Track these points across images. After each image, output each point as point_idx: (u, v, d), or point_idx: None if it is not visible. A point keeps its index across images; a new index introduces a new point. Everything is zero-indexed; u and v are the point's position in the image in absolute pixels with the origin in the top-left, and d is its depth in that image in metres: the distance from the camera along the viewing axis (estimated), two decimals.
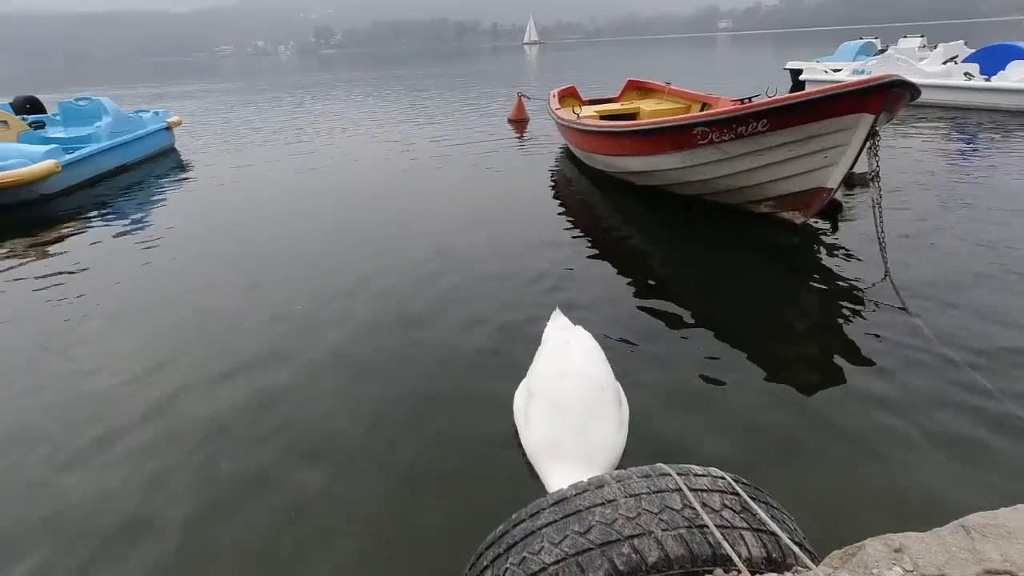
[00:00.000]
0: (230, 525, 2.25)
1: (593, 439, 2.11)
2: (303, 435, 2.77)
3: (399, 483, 2.42)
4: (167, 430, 2.86)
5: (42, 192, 7.59)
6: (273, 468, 2.55)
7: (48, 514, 2.38)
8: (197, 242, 6.05)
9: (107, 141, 9.29)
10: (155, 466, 2.61)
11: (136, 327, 4.09)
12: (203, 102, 22.92)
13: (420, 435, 2.71)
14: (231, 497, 2.40)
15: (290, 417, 2.91)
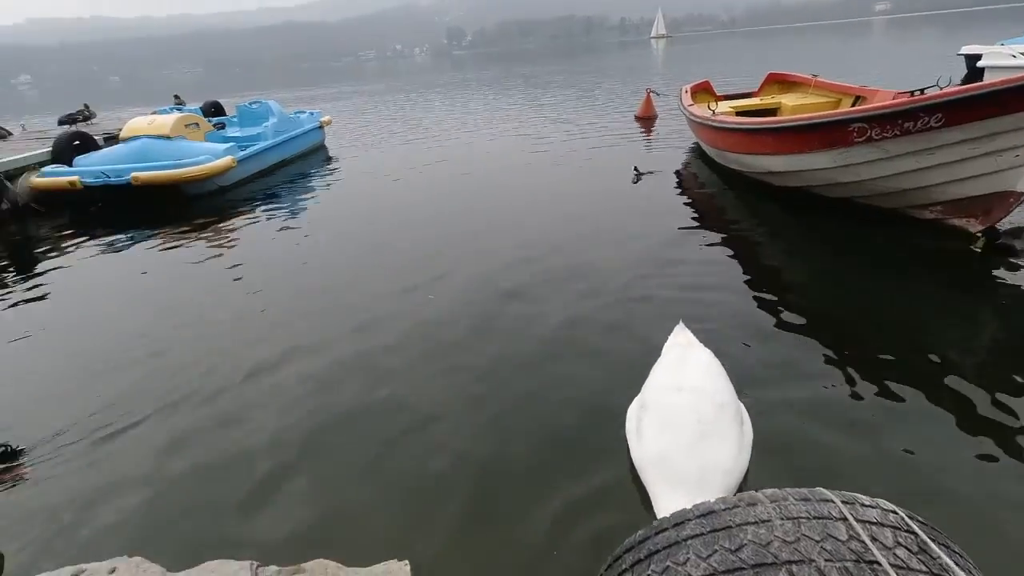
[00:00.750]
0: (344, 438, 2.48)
1: (709, 460, 1.99)
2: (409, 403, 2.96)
3: (495, 474, 2.50)
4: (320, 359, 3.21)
5: (221, 184, 8.75)
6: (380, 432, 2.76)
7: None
8: (339, 225, 6.86)
9: (272, 139, 10.49)
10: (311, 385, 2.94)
11: (284, 289, 4.79)
12: (348, 102, 24.99)
13: (521, 432, 2.76)
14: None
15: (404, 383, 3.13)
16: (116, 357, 3.93)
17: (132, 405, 3.29)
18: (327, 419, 3.03)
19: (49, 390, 3.63)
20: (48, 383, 3.73)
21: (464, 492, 2.40)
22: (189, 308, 4.78)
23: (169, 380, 3.55)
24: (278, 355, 3.74)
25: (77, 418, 3.20)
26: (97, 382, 3.62)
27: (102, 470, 2.76)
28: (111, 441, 3.00)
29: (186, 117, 9.80)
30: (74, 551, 2.17)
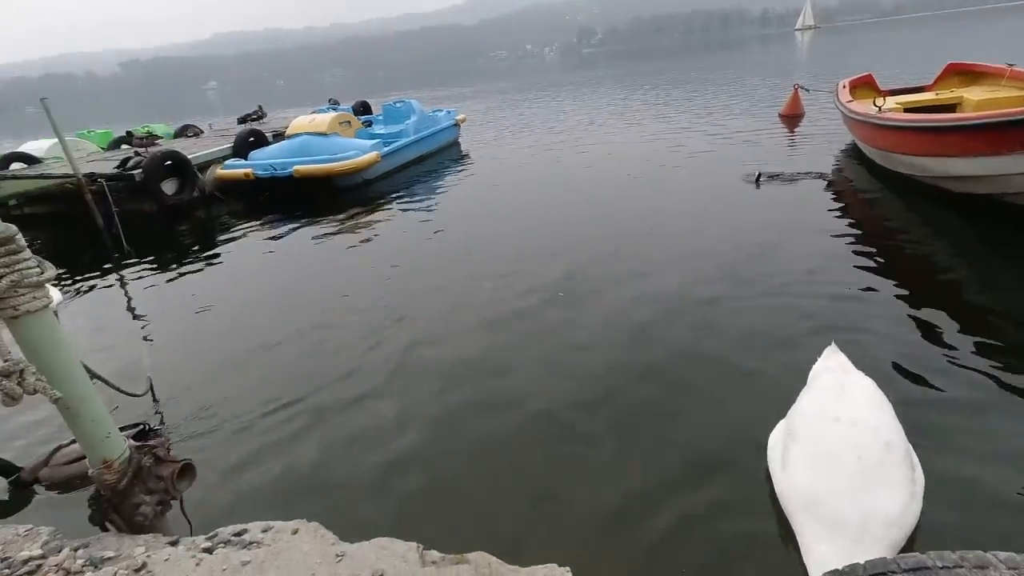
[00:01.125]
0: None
1: (873, 507, 1.74)
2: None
3: (623, 484, 2.43)
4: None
5: (366, 177, 9.49)
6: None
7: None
8: (469, 219, 7.26)
9: (413, 136, 11.18)
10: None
11: (416, 278, 5.09)
12: (478, 101, 25.89)
13: (647, 446, 2.67)
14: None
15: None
16: (273, 334, 4.42)
17: (293, 380, 3.66)
18: (455, 414, 3.18)
19: (214, 361, 4.16)
20: (214, 355, 4.26)
21: (587, 503, 2.38)
22: (336, 289, 5.27)
23: (325, 359, 3.93)
24: (422, 340, 3.99)
25: (241, 391, 3.61)
26: (258, 356, 4.09)
27: (272, 442, 3.05)
28: (272, 416, 3.26)
29: (340, 116, 10.76)
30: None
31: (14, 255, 1.27)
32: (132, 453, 1.59)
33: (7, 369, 1.26)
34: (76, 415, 1.44)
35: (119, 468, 1.55)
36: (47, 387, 1.34)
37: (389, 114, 12.14)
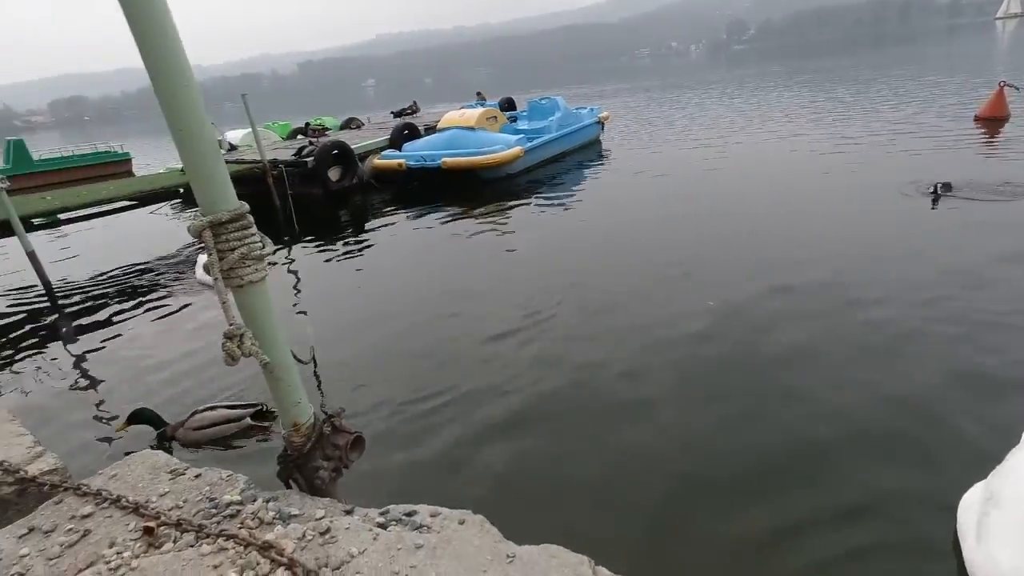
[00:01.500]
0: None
1: None
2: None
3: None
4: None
5: (508, 171, 9.69)
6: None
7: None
8: (605, 215, 7.20)
9: (556, 132, 11.22)
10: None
11: (552, 267, 5.10)
12: (620, 100, 25.40)
13: (801, 489, 2.37)
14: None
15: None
16: (419, 317, 4.64)
17: (440, 367, 3.80)
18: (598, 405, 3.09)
19: (367, 340, 4.44)
20: (366, 334, 4.55)
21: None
22: (475, 277, 5.45)
23: (472, 346, 4.04)
24: (564, 337, 3.96)
25: (392, 373, 3.82)
26: (406, 339, 4.30)
27: (425, 426, 3.16)
28: (423, 402, 3.36)
29: (487, 111, 11.10)
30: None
31: (245, 230, 1.40)
32: (316, 420, 1.71)
33: (232, 332, 1.39)
34: (277, 379, 1.57)
35: (305, 432, 1.67)
36: (259, 352, 1.47)
37: (534, 110, 12.30)
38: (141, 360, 4.35)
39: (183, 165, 1.32)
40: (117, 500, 1.65)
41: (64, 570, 1.41)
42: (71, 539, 1.52)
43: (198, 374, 3.97)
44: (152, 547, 1.46)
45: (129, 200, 7.82)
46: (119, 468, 1.86)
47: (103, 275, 6.82)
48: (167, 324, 5.11)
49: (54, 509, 1.68)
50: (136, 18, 1.16)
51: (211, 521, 1.52)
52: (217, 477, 1.73)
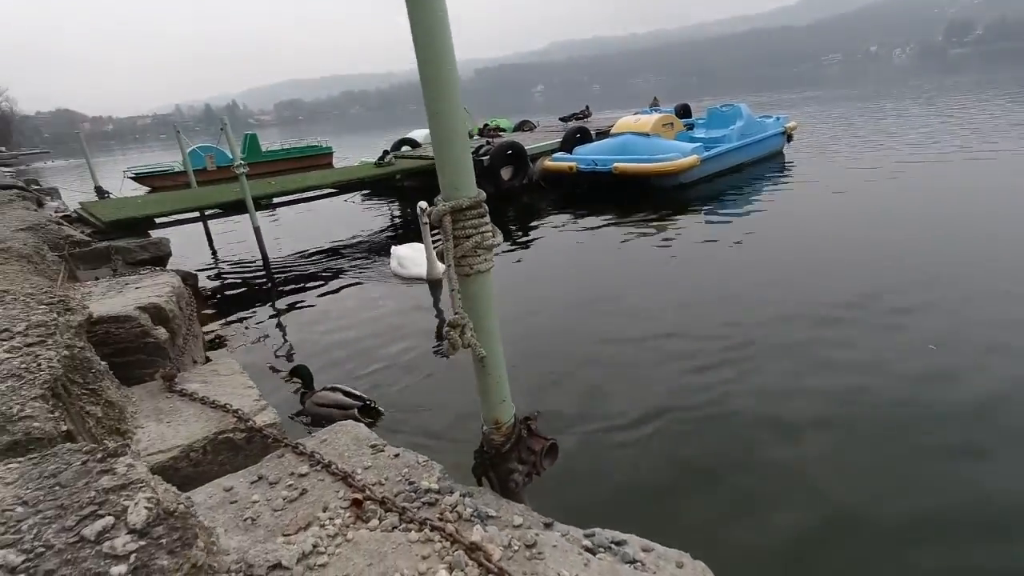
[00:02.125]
0: None
1: None
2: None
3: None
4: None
5: (682, 180, 9.22)
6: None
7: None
8: (779, 236, 6.55)
9: (736, 142, 10.45)
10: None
11: (716, 287, 4.50)
12: (802, 110, 23.03)
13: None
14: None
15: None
16: (588, 320, 4.51)
17: (628, 384, 3.65)
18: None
19: (539, 344, 4.42)
20: (538, 339, 4.53)
21: None
22: (646, 284, 5.18)
23: (663, 364, 3.84)
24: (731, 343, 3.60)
25: (568, 385, 3.75)
26: (577, 348, 4.22)
27: (618, 444, 3.02)
28: (610, 420, 3.19)
29: (663, 117, 10.68)
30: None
31: (480, 219, 1.38)
32: (516, 421, 1.65)
33: (456, 321, 1.37)
34: (487, 374, 1.54)
35: (505, 432, 1.62)
36: (477, 344, 1.44)
37: (713, 118, 11.59)
38: (328, 334, 4.80)
39: (433, 148, 1.31)
40: (328, 465, 1.75)
41: (286, 524, 1.50)
42: (291, 495, 1.63)
43: (365, 355, 4.27)
44: (359, 520, 1.50)
45: (330, 188, 8.79)
46: (328, 434, 1.99)
47: (305, 253, 7.73)
48: (354, 304, 5.60)
49: (277, 462, 1.83)
50: (414, 9, 1.17)
51: (412, 505, 1.53)
52: (414, 460, 1.76)
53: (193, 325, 3.93)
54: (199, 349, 4.12)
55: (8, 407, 1.40)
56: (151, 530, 0.97)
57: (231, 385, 2.58)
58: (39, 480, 1.11)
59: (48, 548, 0.92)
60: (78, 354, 1.95)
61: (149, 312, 2.92)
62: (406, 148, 12.93)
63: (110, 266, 4.72)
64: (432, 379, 3.80)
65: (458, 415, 3.22)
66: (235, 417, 2.19)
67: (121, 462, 1.16)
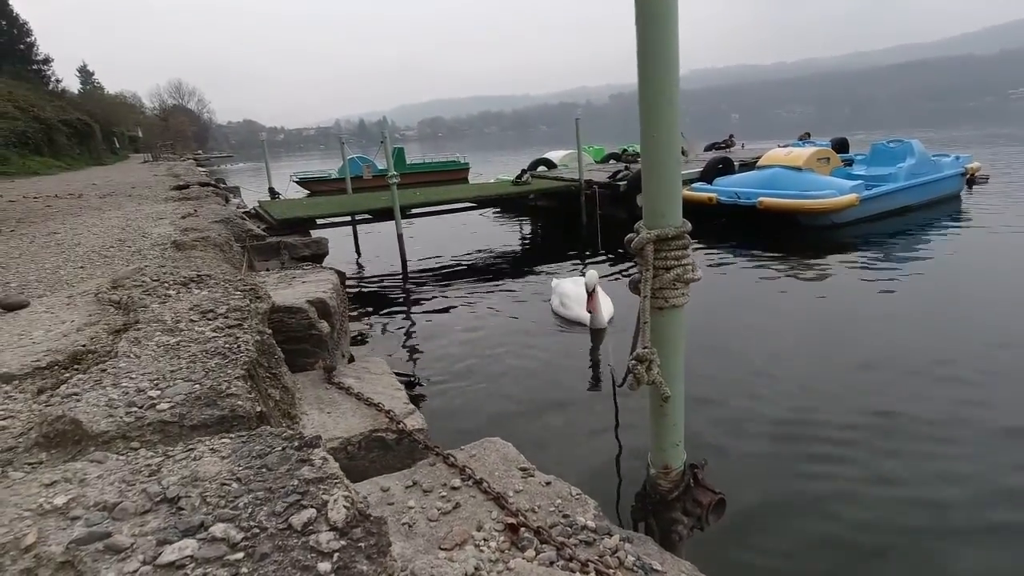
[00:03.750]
0: None
1: None
2: None
3: None
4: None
5: (835, 220, 8.42)
6: None
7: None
8: (942, 294, 5.77)
9: (903, 182, 9.38)
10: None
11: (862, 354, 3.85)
12: (982, 148, 20.13)
13: None
14: None
15: None
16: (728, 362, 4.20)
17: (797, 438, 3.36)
18: None
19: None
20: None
21: None
22: (795, 331, 4.71)
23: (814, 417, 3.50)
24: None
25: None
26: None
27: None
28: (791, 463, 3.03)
29: (819, 151, 9.87)
30: None
31: (683, 250, 1.29)
32: (685, 468, 1.52)
33: (644, 356, 1.29)
34: (665, 415, 1.44)
35: (674, 479, 1.51)
36: (662, 383, 1.34)
37: (878, 154, 10.50)
38: (462, 346, 4.90)
39: (642, 172, 1.25)
40: (480, 482, 1.73)
41: (443, 536, 1.50)
42: (445, 507, 1.63)
43: (497, 376, 4.28)
44: (515, 547, 1.46)
45: (470, 202, 9.16)
46: (477, 449, 1.98)
47: (442, 259, 8.09)
48: (494, 324, 5.62)
49: (429, 470, 1.85)
50: (646, 26, 1.12)
51: (570, 541, 1.46)
52: (567, 491, 1.69)
53: (345, 321, 4.22)
54: (347, 344, 4.41)
55: (218, 383, 1.54)
56: (351, 531, 0.98)
57: (381, 384, 2.69)
58: (249, 459, 1.18)
59: (262, 530, 0.96)
60: (266, 340, 2.13)
61: (316, 306, 3.16)
62: (542, 168, 13.17)
63: (279, 259, 5.24)
64: (573, 415, 3.65)
65: (609, 456, 3.09)
66: (387, 417, 2.27)
67: (316, 454, 1.21)
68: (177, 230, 4.28)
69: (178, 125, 61.49)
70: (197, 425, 1.39)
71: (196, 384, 1.53)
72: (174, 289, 2.44)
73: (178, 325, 2.00)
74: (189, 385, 1.52)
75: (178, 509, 1.02)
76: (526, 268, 7.59)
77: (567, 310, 5.37)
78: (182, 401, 1.44)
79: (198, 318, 2.10)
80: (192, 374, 1.60)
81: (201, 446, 1.24)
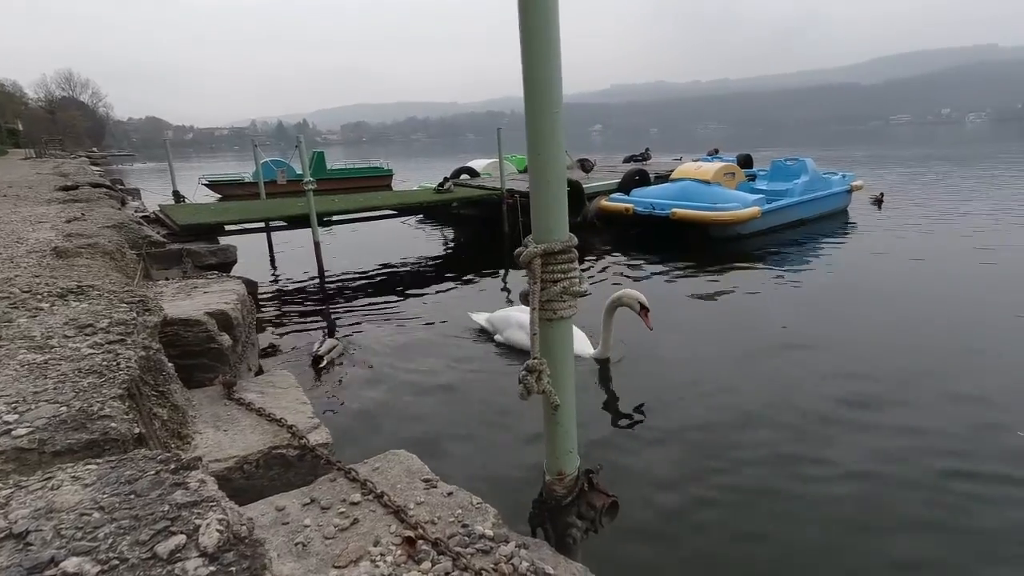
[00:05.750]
0: None
1: None
2: None
3: None
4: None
5: (740, 231, 9.02)
6: None
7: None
8: (836, 300, 6.24)
9: (798, 197, 10.20)
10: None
11: (760, 345, 4.20)
12: (870, 168, 22.27)
13: None
14: None
15: None
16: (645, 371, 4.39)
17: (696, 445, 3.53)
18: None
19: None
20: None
21: None
22: (708, 336, 5.00)
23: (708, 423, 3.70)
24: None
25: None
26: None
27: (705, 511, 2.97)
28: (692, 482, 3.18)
29: (726, 167, 10.54)
30: None
31: (570, 264, 1.35)
32: (580, 474, 1.58)
33: (534, 366, 1.33)
34: (556, 423, 1.48)
35: (568, 484, 1.56)
36: (551, 392, 1.39)
37: (777, 170, 11.37)
38: (371, 355, 4.81)
39: (530, 188, 1.30)
40: (380, 496, 1.71)
41: (338, 554, 1.47)
42: (343, 523, 1.60)
43: (416, 385, 4.25)
44: (411, 560, 1.45)
45: (391, 210, 9.02)
46: (381, 463, 1.96)
47: (362, 269, 7.90)
48: (404, 327, 5.63)
49: (330, 486, 1.81)
50: (529, 44, 1.17)
51: (466, 551, 1.47)
52: (468, 500, 1.70)
53: (252, 333, 4.03)
54: (255, 358, 4.21)
55: (90, 404, 1.44)
56: (222, 555, 0.94)
57: (286, 399, 2.60)
58: (116, 486, 1.11)
59: (122, 561, 0.91)
60: (153, 356, 2.00)
61: (216, 318, 3.01)
62: (465, 177, 13.20)
63: (181, 268, 4.93)
64: (484, 425, 3.62)
65: (511, 463, 3.14)
66: (290, 433, 2.19)
67: (194, 476, 1.16)
68: (60, 235, 3.93)
69: (68, 119, 56.44)
70: (61, 451, 1.29)
71: (63, 406, 1.42)
72: (48, 301, 2.25)
73: (49, 342, 1.85)
74: (54, 408, 1.41)
75: (26, 545, 0.94)
76: (448, 277, 7.57)
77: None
78: (44, 425, 1.33)
79: (74, 333, 1.94)
80: (60, 395, 1.48)
81: (62, 474, 1.16)
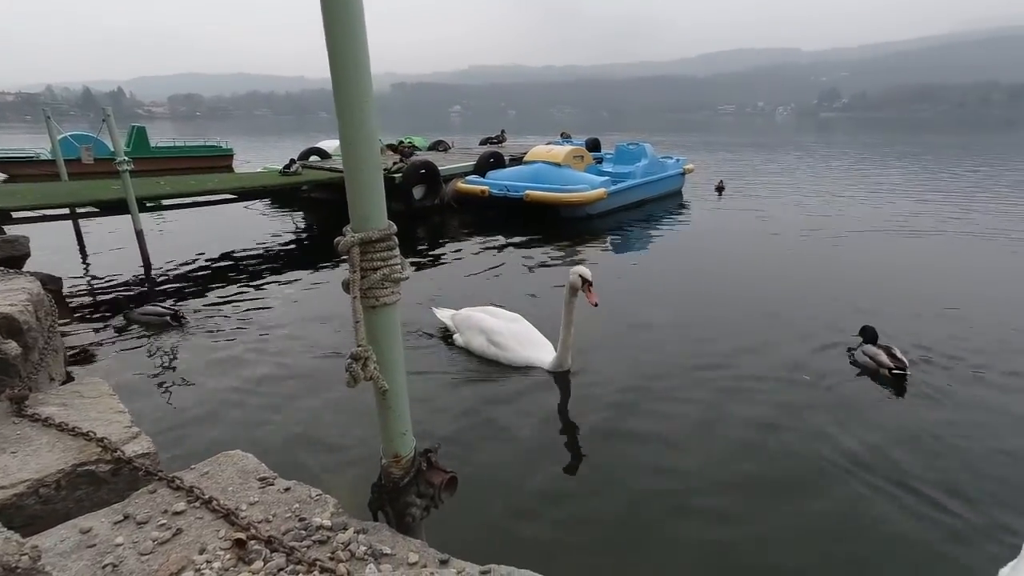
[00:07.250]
0: None
1: None
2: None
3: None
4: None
5: (589, 212, 9.63)
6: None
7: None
8: (676, 274, 7.02)
9: (640, 179, 11.12)
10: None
11: (618, 311, 4.68)
12: (701, 153, 24.98)
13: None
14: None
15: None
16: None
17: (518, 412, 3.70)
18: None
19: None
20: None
21: None
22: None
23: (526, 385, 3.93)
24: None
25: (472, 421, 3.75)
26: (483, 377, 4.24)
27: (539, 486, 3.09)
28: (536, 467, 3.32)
29: (575, 150, 11.14)
30: None
31: (390, 251, 1.36)
32: (416, 455, 1.62)
33: (359, 354, 1.34)
34: (388, 407, 1.50)
35: (404, 465, 1.59)
36: (379, 377, 1.41)
37: (621, 154, 12.26)
38: (214, 351, 4.46)
39: (344, 176, 1.29)
40: (209, 502, 1.62)
41: (155, 569, 1.37)
42: (163, 536, 1.48)
43: (258, 380, 4.03)
44: (242, 561, 1.40)
45: (231, 194, 8.27)
46: (211, 466, 1.84)
47: (197, 260, 7.17)
48: (254, 317, 5.25)
49: (148, 498, 1.66)
50: (332, 27, 1.15)
51: (301, 544, 1.45)
52: (306, 494, 1.67)
53: (53, 338, 3.50)
54: (59, 365, 3.67)
55: None
56: None
57: (97, 409, 2.32)
58: None
59: None
60: None
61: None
62: (315, 158, 12.47)
63: None
64: (328, 415, 3.53)
65: (358, 450, 3.11)
66: (99, 446, 1.97)
67: None
68: None
69: None
70: None
71: None
72: None
73: None
74: None
75: None
76: (298, 265, 7.15)
77: (506, 352, 4.27)
78: None
79: None
80: None
81: None
